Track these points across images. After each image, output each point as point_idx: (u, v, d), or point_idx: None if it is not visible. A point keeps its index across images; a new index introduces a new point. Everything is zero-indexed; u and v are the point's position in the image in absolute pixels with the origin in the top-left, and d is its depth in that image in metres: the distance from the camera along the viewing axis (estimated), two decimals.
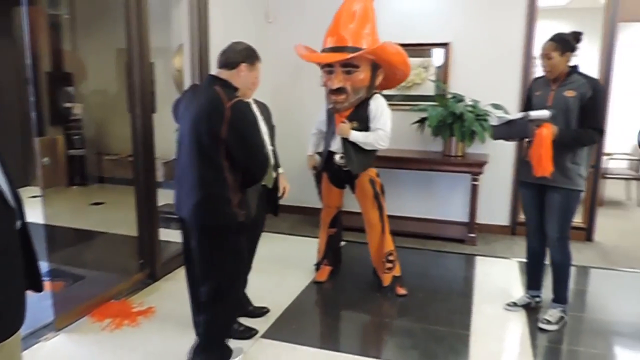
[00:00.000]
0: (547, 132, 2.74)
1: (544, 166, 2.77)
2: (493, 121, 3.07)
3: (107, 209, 5.53)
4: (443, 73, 4.64)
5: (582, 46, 2.87)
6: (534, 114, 2.79)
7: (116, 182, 6.43)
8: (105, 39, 6.11)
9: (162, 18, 4.38)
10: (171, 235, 3.75)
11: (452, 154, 4.43)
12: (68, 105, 6.24)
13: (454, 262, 4.15)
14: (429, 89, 4.69)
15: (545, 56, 2.83)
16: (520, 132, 2.88)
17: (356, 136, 3.23)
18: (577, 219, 4.61)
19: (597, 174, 4.52)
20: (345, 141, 3.26)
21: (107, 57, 6.29)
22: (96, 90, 6.49)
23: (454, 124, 4.21)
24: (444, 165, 4.44)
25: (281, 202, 3.00)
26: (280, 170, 2.98)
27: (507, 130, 2.95)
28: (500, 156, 4.57)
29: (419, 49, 4.62)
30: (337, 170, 3.41)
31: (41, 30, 5.96)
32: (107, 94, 6.53)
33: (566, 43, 2.80)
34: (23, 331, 1.45)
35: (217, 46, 3.99)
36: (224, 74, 2.27)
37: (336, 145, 3.34)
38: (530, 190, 3.03)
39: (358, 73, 3.15)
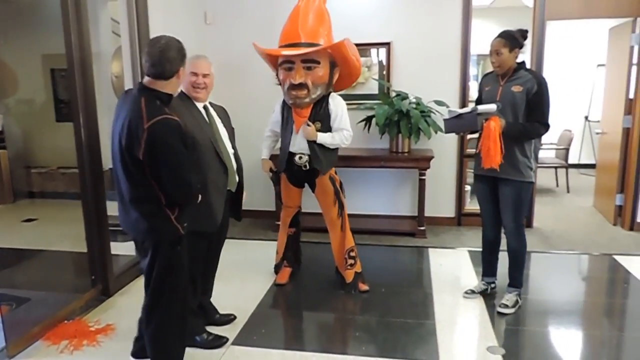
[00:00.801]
0: (495, 125, 2.87)
1: (492, 157, 2.89)
2: (445, 115, 3.18)
3: (42, 225, 5.20)
4: (385, 72, 4.76)
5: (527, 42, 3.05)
6: (482, 107, 2.92)
7: (47, 196, 6.08)
8: (26, 46, 5.75)
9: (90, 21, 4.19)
10: (120, 249, 3.60)
11: (399, 150, 4.55)
12: None
13: (408, 255, 4.26)
14: (372, 88, 4.79)
15: (495, 52, 2.96)
16: (469, 125, 2.99)
17: (323, 138, 3.25)
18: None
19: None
20: (312, 143, 3.26)
21: (30, 64, 5.93)
22: (20, 100, 6.09)
23: (400, 121, 4.32)
24: (392, 161, 4.55)
25: None
26: None
27: (457, 124, 3.06)
28: (445, 151, 4.76)
29: (362, 49, 4.68)
30: (296, 171, 3.40)
31: None
32: (33, 104, 6.15)
33: (514, 40, 2.95)
34: None
35: None
36: (157, 84, 2.10)
37: (296, 146, 3.32)
38: (483, 183, 3.17)
39: (318, 69, 3.17)
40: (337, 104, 3.32)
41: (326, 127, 3.30)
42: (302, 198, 3.64)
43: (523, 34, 3.01)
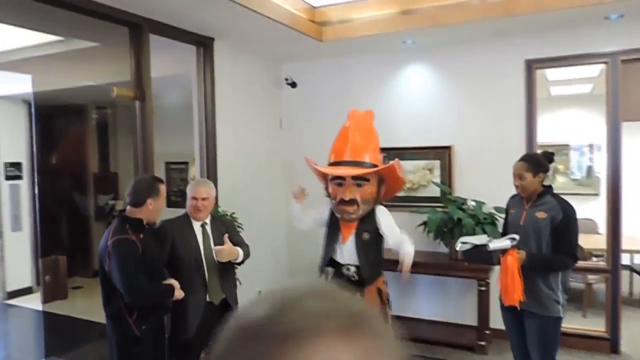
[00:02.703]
0: (513, 260, 2.71)
1: (510, 295, 2.72)
2: (458, 247, 3.05)
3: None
4: (447, 175, 4.68)
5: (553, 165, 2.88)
6: (493, 245, 2.78)
7: None
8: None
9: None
10: None
11: (458, 257, 4.38)
12: (111, 202, 6.80)
13: None
14: (435, 191, 4.73)
15: (517, 176, 2.85)
16: (485, 259, 2.87)
17: (407, 249, 3.17)
18: (599, 327, 4.33)
19: (616, 271, 4.24)
20: (361, 252, 3.29)
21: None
22: None
23: (454, 228, 4.19)
24: (450, 270, 4.37)
25: None
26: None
27: (474, 255, 2.93)
28: None
29: (422, 152, 4.74)
30: (346, 280, 3.42)
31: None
32: None
33: (538, 164, 2.82)
34: None
35: (224, 158, 4.35)
36: (131, 211, 2.68)
37: (345, 258, 3.37)
38: (509, 314, 2.96)
39: (368, 186, 3.27)
40: (384, 214, 3.35)
41: (373, 237, 3.32)
42: None
43: (548, 157, 2.87)
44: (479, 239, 2.94)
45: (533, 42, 4.32)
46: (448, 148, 4.66)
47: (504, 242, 2.75)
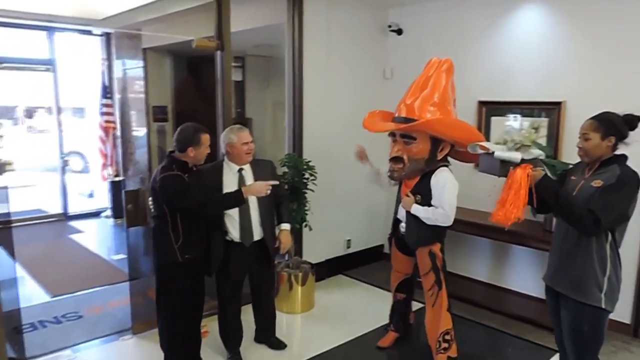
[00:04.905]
0: (522, 174, 2.32)
1: (505, 211, 2.35)
2: (469, 148, 2.66)
3: None
4: (555, 136, 4.08)
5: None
6: (500, 153, 2.41)
7: None
8: (274, 93, 7.02)
9: None
10: None
11: (546, 228, 3.88)
12: None
13: (524, 352, 3.63)
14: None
15: (582, 136, 2.39)
16: (491, 168, 2.47)
17: (416, 210, 3.16)
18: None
19: None
20: (408, 213, 3.24)
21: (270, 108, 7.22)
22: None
23: None
24: (543, 243, 3.84)
25: None
26: (285, 226, 3.35)
27: (486, 163, 2.54)
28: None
29: (529, 108, 4.20)
30: (400, 238, 3.41)
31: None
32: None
33: (610, 125, 2.33)
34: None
35: (311, 108, 4.52)
36: (176, 155, 2.93)
37: (400, 214, 3.36)
38: (549, 295, 2.59)
39: (414, 145, 3.11)
40: (438, 180, 3.13)
41: (426, 201, 3.17)
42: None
43: (630, 121, 2.34)
44: (501, 148, 2.46)
45: None
46: (559, 104, 4.04)
47: (514, 154, 2.35)
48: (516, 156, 2.37)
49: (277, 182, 3.17)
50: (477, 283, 4.74)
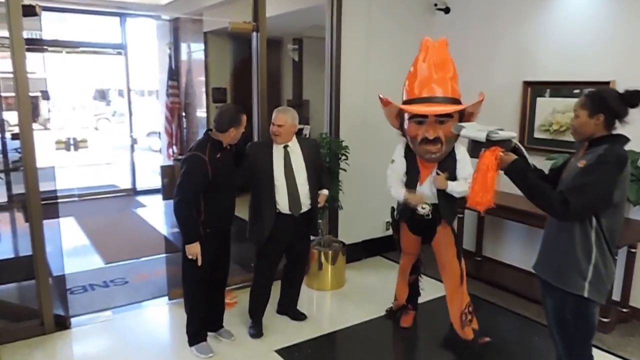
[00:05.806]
0: (490, 158, 2.22)
1: (474, 196, 2.26)
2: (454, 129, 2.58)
3: None
4: None
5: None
6: (466, 132, 2.35)
7: None
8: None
9: None
10: None
11: None
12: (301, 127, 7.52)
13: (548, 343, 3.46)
14: None
15: (574, 112, 2.27)
16: (470, 149, 2.40)
17: (454, 187, 3.20)
18: None
19: None
20: (440, 193, 3.25)
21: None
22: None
23: None
24: None
25: None
26: (324, 191, 3.58)
27: (470, 145, 2.44)
28: None
29: (574, 88, 3.96)
30: (418, 220, 3.41)
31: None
32: None
33: (599, 102, 2.16)
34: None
35: (349, 90, 4.55)
36: (215, 134, 3.03)
37: (426, 194, 3.33)
38: (540, 284, 2.46)
39: (451, 122, 3.11)
40: (463, 153, 3.21)
41: (452, 176, 3.23)
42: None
43: (628, 98, 2.13)
44: (473, 127, 2.39)
45: None
46: (606, 84, 3.77)
47: (479, 133, 2.26)
48: (480, 135, 2.28)
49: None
50: (513, 269, 4.61)
